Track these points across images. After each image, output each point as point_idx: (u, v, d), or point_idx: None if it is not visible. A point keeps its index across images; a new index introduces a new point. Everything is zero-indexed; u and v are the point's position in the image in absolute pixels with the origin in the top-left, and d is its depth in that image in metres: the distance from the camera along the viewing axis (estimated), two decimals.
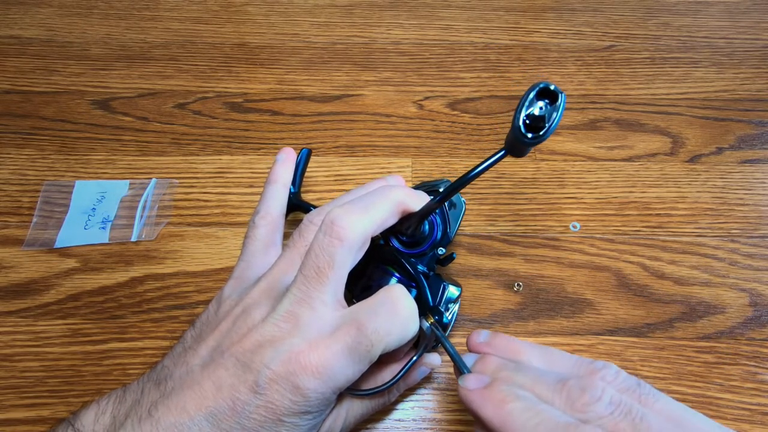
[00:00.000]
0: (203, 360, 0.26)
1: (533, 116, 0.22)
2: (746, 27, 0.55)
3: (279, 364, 0.24)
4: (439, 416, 0.32)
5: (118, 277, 0.38)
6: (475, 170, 0.25)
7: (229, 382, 0.24)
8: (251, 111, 0.48)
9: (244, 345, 0.25)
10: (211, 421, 0.24)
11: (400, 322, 0.25)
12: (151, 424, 0.24)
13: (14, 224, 0.41)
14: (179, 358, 0.27)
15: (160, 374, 0.26)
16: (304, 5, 0.57)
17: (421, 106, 0.48)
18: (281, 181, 0.35)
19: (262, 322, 0.26)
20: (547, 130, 0.22)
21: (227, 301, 0.29)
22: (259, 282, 0.29)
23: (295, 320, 0.25)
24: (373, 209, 0.27)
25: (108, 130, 0.47)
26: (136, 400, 0.25)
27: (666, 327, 0.36)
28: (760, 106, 0.48)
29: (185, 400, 0.24)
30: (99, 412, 0.26)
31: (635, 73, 0.51)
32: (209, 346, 0.27)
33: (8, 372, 0.34)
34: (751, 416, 0.33)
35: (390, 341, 0.25)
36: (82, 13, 0.57)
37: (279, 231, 0.33)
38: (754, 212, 0.41)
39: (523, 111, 0.22)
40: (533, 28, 0.55)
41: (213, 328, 0.27)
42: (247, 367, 0.24)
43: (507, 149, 0.24)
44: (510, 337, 0.28)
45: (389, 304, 0.26)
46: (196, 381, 0.25)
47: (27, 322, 0.36)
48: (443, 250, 0.32)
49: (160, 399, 0.25)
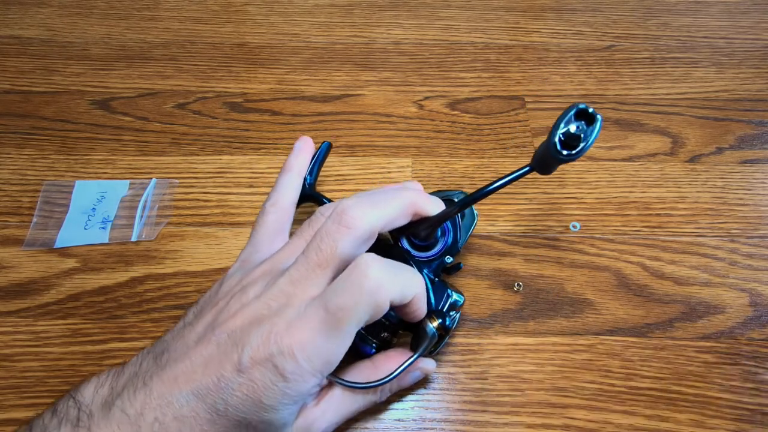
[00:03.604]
0: (198, 336, 0.27)
1: (569, 134, 0.22)
2: (746, 27, 0.55)
3: (260, 343, 0.24)
4: (439, 416, 0.32)
5: (118, 277, 0.38)
6: (497, 183, 0.26)
7: (216, 359, 0.25)
8: (251, 111, 0.48)
9: (236, 322, 0.26)
10: (197, 395, 0.24)
11: (367, 293, 0.24)
12: (145, 393, 0.25)
13: (14, 224, 0.41)
14: (178, 334, 0.28)
15: (159, 349, 0.27)
16: (304, 5, 0.57)
17: (421, 106, 0.48)
18: (296, 170, 0.35)
19: (255, 299, 0.26)
20: (582, 148, 0.22)
21: (229, 280, 0.30)
22: (262, 264, 0.29)
23: (285, 300, 0.26)
24: (384, 205, 0.27)
25: (108, 130, 0.46)
26: (134, 372, 0.26)
27: (666, 327, 0.36)
28: (760, 106, 0.48)
29: (177, 373, 0.25)
30: (98, 384, 0.26)
31: (635, 73, 0.51)
32: (206, 321, 0.27)
33: (8, 372, 0.34)
34: (751, 416, 0.33)
35: (360, 314, 0.24)
36: (82, 13, 0.57)
37: (289, 219, 0.33)
38: (754, 212, 0.41)
39: (560, 128, 0.22)
40: (533, 28, 0.55)
41: (212, 305, 0.28)
42: (234, 345, 0.25)
43: (534, 165, 0.25)
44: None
45: (354, 276, 0.25)
46: (189, 356, 0.25)
47: (27, 322, 0.36)
48: (451, 259, 0.32)
49: (155, 370, 0.25)
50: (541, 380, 0.34)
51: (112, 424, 0.24)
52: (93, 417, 0.25)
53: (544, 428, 0.32)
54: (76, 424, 0.24)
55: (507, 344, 0.35)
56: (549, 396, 0.33)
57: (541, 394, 0.33)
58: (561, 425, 0.32)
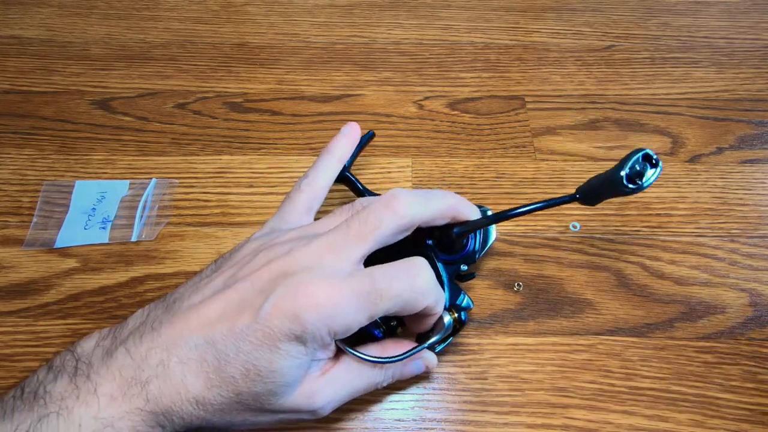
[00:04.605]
0: (217, 287, 0.26)
1: (636, 171, 0.25)
2: (746, 27, 0.55)
3: (286, 293, 0.24)
4: (439, 416, 0.32)
5: (118, 277, 0.38)
6: (536, 205, 0.29)
7: (236, 307, 0.25)
8: (251, 111, 0.48)
9: (262, 274, 0.26)
10: (209, 341, 0.24)
11: (413, 289, 0.26)
12: (152, 338, 0.24)
13: (14, 224, 0.41)
14: (194, 285, 0.28)
15: (171, 299, 0.27)
16: (304, 5, 0.57)
17: (421, 106, 0.48)
18: (337, 154, 0.35)
19: (284, 255, 0.26)
20: (641, 185, 0.26)
21: (253, 243, 0.30)
22: (291, 230, 0.29)
23: (317, 260, 0.26)
24: (431, 202, 0.28)
25: (108, 130, 0.46)
26: (141, 322, 0.26)
27: (666, 327, 0.36)
28: (760, 106, 0.48)
29: (190, 319, 0.25)
30: (100, 338, 0.26)
31: (635, 73, 0.51)
32: (226, 275, 0.27)
33: (8, 372, 0.34)
34: (751, 416, 0.33)
35: (398, 302, 0.26)
36: (82, 13, 0.57)
37: (319, 201, 0.34)
38: (754, 212, 0.41)
39: (627, 166, 0.25)
40: (533, 28, 0.55)
41: (234, 262, 0.28)
42: (258, 293, 0.25)
43: (581, 196, 0.28)
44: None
45: (409, 270, 0.26)
46: (206, 304, 0.25)
47: (27, 322, 0.36)
48: (466, 267, 0.33)
49: (165, 317, 0.25)
50: (541, 380, 0.34)
51: (113, 368, 0.24)
52: (92, 366, 0.24)
53: (544, 428, 0.32)
54: (74, 373, 0.24)
55: (507, 344, 0.35)
56: (549, 396, 0.33)
57: (541, 394, 0.33)
58: (561, 425, 0.32)
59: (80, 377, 0.24)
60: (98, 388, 0.23)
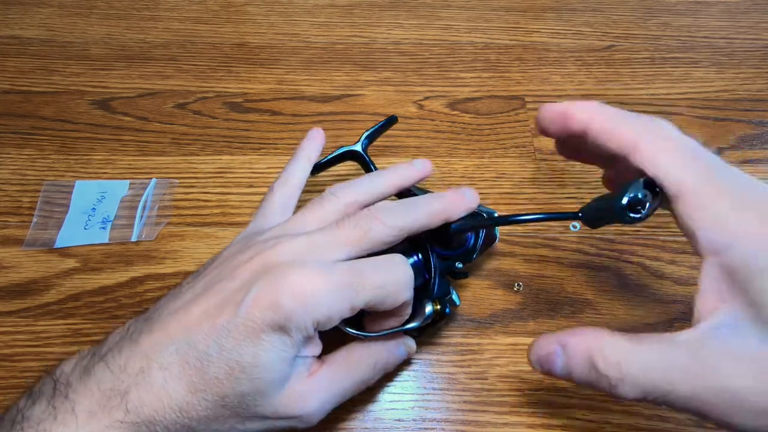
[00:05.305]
0: (197, 291, 0.26)
1: (637, 199, 0.25)
2: (746, 27, 0.55)
3: (268, 284, 0.24)
4: (439, 416, 0.32)
5: (118, 277, 0.38)
6: (538, 216, 0.29)
7: (219, 306, 0.24)
8: (251, 111, 0.48)
9: (243, 273, 0.26)
10: (190, 343, 0.24)
11: (395, 282, 0.26)
12: (131, 348, 0.24)
13: (14, 224, 0.41)
14: (173, 295, 0.27)
15: (150, 311, 0.27)
16: (304, 5, 0.57)
17: (421, 106, 0.48)
18: (305, 153, 0.36)
19: (268, 249, 0.26)
20: (644, 215, 0.25)
21: (234, 246, 0.29)
22: (272, 228, 0.29)
23: (299, 256, 0.26)
24: (417, 211, 0.29)
25: (108, 130, 0.47)
26: (121, 336, 0.25)
27: (666, 327, 0.36)
28: (760, 106, 0.48)
29: (170, 324, 0.24)
30: (80, 358, 0.25)
31: (635, 73, 0.51)
32: (206, 279, 0.27)
33: (8, 372, 0.34)
34: None
35: (379, 294, 0.26)
36: (82, 13, 0.57)
37: (295, 198, 0.34)
38: None
39: (629, 193, 0.24)
40: (533, 28, 0.55)
41: (214, 266, 0.28)
42: (240, 288, 0.25)
43: (584, 216, 0.27)
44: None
45: (390, 265, 0.27)
46: (186, 308, 0.25)
47: (27, 322, 0.36)
48: (461, 265, 0.33)
49: (144, 326, 0.25)
50: (541, 380, 0.34)
51: (90, 384, 0.23)
52: (71, 385, 0.23)
53: (544, 428, 0.32)
54: (52, 395, 0.23)
55: (507, 344, 0.35)
56: (549, 396, 0.33)
57: (541, 394, 0.33)
58: (561, 425, 0.32)
59: (58, 398, 0.23)
60: (76, 407, 0.22)
